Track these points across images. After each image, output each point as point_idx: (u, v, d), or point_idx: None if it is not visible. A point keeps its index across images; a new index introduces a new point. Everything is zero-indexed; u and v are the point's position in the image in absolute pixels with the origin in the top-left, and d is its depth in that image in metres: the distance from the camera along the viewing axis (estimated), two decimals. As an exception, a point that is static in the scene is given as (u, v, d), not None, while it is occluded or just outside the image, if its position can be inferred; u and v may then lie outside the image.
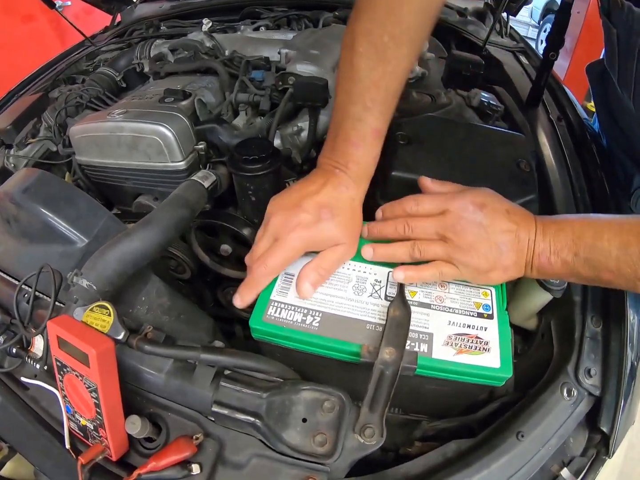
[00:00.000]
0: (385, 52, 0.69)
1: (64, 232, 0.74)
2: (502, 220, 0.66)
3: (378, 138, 0.73)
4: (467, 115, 1.04)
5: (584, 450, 0.69)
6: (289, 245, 0.67)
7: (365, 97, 0.70)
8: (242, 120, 0.99)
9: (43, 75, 1.51)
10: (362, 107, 0.70)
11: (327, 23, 1.34)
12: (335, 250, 0.69)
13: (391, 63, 0.69)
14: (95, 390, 0.56)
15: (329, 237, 0.68)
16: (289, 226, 0.67)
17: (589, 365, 0.71)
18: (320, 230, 0.67)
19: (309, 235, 0.67)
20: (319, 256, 0.69)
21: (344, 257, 0.71)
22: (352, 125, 0.71)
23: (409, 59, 0.71)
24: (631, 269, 0.60)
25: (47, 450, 0.65)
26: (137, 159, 0.91)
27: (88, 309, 0.59)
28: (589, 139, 1.07)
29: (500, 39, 1.54)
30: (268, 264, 0.67)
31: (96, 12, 1.92)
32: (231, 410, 0.61)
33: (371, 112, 0.71)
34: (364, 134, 0.71)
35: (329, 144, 0.75)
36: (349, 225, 0.70)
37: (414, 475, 0.64)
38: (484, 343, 0.64)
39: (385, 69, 0.69)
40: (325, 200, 0.69)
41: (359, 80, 0.70)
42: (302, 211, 0.67)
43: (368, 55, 0.69)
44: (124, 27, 1.69)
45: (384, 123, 0.73)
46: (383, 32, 0.68)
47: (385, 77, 0.70)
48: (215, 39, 1.23)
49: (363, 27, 0.70)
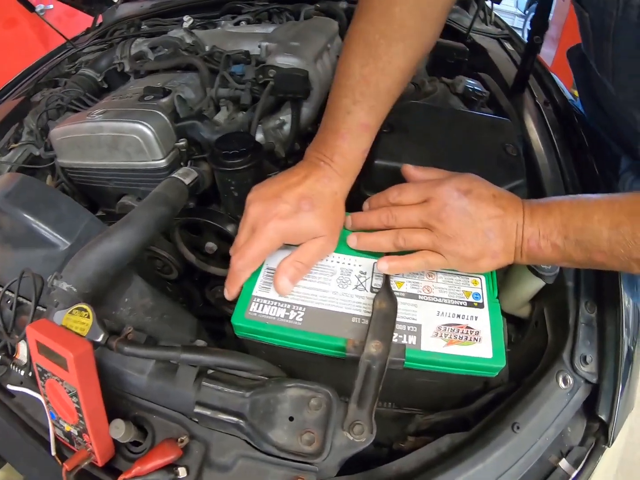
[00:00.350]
0: (377, 49, 0.70)
1: (46, 236, 0.73)
2: (489, 205, 0.64)
3: (367, 132, 0.72)
4: (452, 102, 1.03)
5: (583, 440, 0.68)
6: (265, 236, 0.65)
7: (355, 91, 0.70)
8: (224, 116, 0.97)
9: (25, 80, 1.49)
10: (351, 101, 0.70)
11: (309, 15, 1.32)
12: (314, 243, 0.67)
13: (382, 60, 0.70)
14: (76, 395, 0.54)
15: (307, 229, 0.67)
16: (266, 217, 0.66)
17: (584, 352, 0.70)
18: (298, 222, 0.66)
19: (286, 226, 0.65)
20: (297, 250, 0.67)
21: (323, 251, 0.69)
22: (341, 117, 0.71)
23: (404, 57, 0.71)
24: (624, 250, 0.58)
25: (34, 458, 0.63)
26: (118, 159, 0.89)
27: (67, 312, 0.58)
28: (577, 122, 1.05)
29: (484, 26, 1.53)
30: (245, 256, 0.66)
31: (79, 14, 1.90)
32: (214, 411, 0.59)
33: (361, 105, 0.70)
34: (351, 127, 0.70)
35: (318, 137, 0.74)
36: (329, 218, 0.68)
37: (408, 471, 0.63)
38: (475, 333, 0.62)
39: (376, 65, 0.70)
40: (306, 191, 0.67)
41: (351, 75, 0.71)
42: (281, 202, 0.66)
43: (361, 53, 0.71)
44: (106, 27, 1.66)
45: (374, 118, 0.72)
46: (375, 31, 0.70)
47: (377, 73, 0.70)
48: (195, 35, 1.20)
49: (358, 27, 0.73)
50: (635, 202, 0.60)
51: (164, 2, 1.71)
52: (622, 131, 0.99)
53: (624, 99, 0.88)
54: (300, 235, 0.67)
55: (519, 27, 6.28)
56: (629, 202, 0.60)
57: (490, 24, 1.55)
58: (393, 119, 0.79)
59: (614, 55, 0.83)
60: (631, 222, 0.58)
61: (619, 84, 0.87)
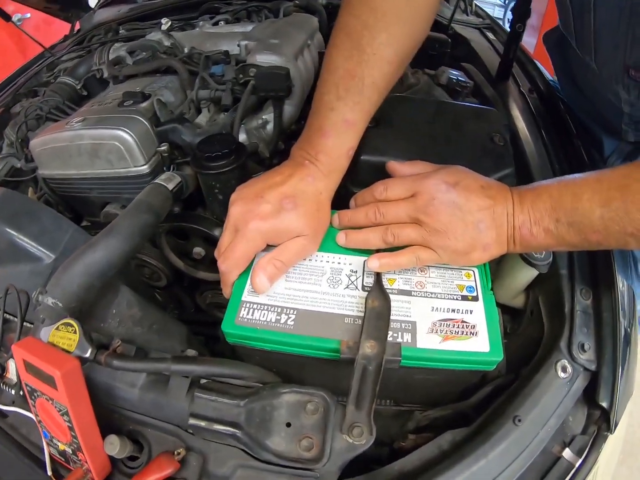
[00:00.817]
0: (360, 41, 0.68)
1: (30, 250, 0.71)
2: (477, 197, 0.63)
3: (352, 129, 0.70)
4: (436, 94, 1.02)
5: (585, 428, 0.67)
6: (248, 237, 0.64)
7: (339, 86, 0.69)
8: (205, 118, 0.96)
9: (4, 91, 1.47)
10: (335, 97, 0.69)
11: (288, 12, 1.31)
12: (295, 242, 0.66)
13: (366, 52, 0.68)
14: (67, 413, 0.53)
15: (290, 229, 0.65)
16: (248, 217, 0.65)
17: (582, 340, 0.69)
18: (280, 221, 0.64)
19: (268, 226, 0.64)
20: (277, 248, 0.66)
21: (304, 250, 0.68)
22: (325, 114, 0.69)
23: (389, 47, 0.69)
24: (619, 226, 0.57)
25: (30, 479, 0.61)
26: (99, 167, 0.87)
27: (54, 328, 0.56)
28: (562, 108, 1.04)
29: (465, 16, 1.52)
30: (229, 258, 0.65)
31: (56, 21, 1.88)
32: (209, 422, 0.57)
33: (344, 101, 0.69)
34: (335, 124, 0.69)
35: (303, 135, 0.73)
36: (312, 218, 0.67)
37: (410, 470, 0.61)
38: (471, 327, 0.62)
39: (360, 58, 0.68)
40: (289, 191, 0.66)
41: (335, 71, 0.70)
42: (263, 202, 0.65)
43: (344, 46, 0.70)
44: (83, 34, 1.64)
45: (359, 114, 0.70)
46: (358, 22, 0.69)
47: (361, 66, 0.68)
48: (173, 37, 1.19)
49: (342, 20, 0.71)
50: (623, 175, 0.59)
51: (141, 5, 1.70)
52: (605, 113, 0.99)
53: (607, 74, 0.87)
54: (283, 235, 0.66)
55: (500, 17, 6.29)
56: (616, 176, 0.59)
57: (471, 14, 1.54)
58: (377, 113, 0.78)
59: (595, 28, 0.82)
60: (622, 196, 0.57)
61: (602, 58, 0.86)
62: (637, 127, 0.92)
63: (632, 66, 0.79)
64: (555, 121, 1.03)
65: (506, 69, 1.16)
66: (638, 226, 0.56)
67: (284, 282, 0.67)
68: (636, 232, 0.57)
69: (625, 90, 0.85)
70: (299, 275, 0.67)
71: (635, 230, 0.57)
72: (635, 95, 0.84)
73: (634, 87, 0.83)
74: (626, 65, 0.80)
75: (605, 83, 0.89)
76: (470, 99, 1.07)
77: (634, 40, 0.76)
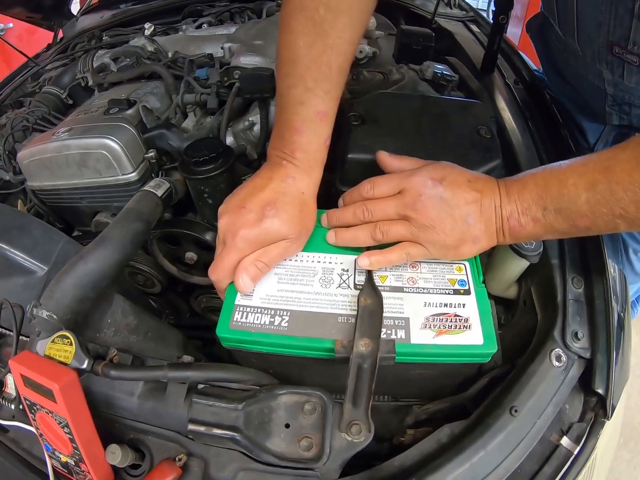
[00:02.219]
0: (323, 24, 0.64)
1: (22, 263, 0.71)
2: (464, 191, 0.63)
3: (325, 121, 0.68)
4: (421, 89, 1.02)
5: (582, 415, 0.67)
6: (235, 248, 0.64)
7: (306, 77, 0.66)
8: (192, 122, 0.96)
9: (-12, 104, 1.46)
10: (303, 89, 0.66)
11: (271, 12, 1.31)
12: (278, 245, 0.66)
13: (330, 36, 0.64)
14: (67, 425, 0.53)
15: (274, 235, 0.65)
16: (233, 229, 0.64)
17: (575, 328, 0.69)
18: (264, 229, 0.64)
19: (253, 235, 0.64)
20: (260, 249, 0.66)
21: (287, 253, 0.68)
22: (294, 110, 0.67)
23: (352, 30, 0.66)
24: (606, 208, 0.57)
25: (34, 493, 0.61)
26: (88, 176, 0.88)
27: (50, 341, 0.57)
28: (548, 98, 1.05)
29: (449, 10, 1.52)
30: (218, 269, 0.65)
31: (40, 30, 1.86)
32: (208, 427, 0.57)
33: (314, 92, 0.66)
34: (307, 118, 0.67)
35: (274, 134, 0.71)
36: (296, 220, 0.66)
37: (410, 465, 0.62)
38: (464, 320, 0.62)
39: (325, 43, 0.64)
40: (270, 195, 0.66)
41: (298, 60, 0.66)
42: (246, 212, 0.65)
43: (304, 31, 0.65)
44: (67, 42, 1.63)
45: (330, 103, 0.68)
46: (318, 5, 0.63)
47: (327, 52, 0.65)
48: (157, 42, 1.19)
49: (297, 3, 0.65)
50: (607, 158, 0.59)
51: (123, 10, 1.69)
52: (589, 98, 0.99)
53: (590, 55, 0.86)
54: (268, 241, 0.65)
55: (484, 8, 6.29)
56: (600, 159, 0.59)
57: (455, 7, 1.54)
58: (363, 110, 0.78)
59: (577, 7, 0.81)
60: (606, 178, 0.56)
61: (585, 38, 0.85)
62: (621, 109, 0.92)
63: (616, 43, 0.79)
64: (541, 111, 1.03)
65: (491, 61, 1.16)
66: (625, 206, 0.56)
67: (276, 284, 0.67)
68: (624, 212, 0.56)
69: (609, 70, 0.85)
70: (291, 276, 0.67)
71: (623, 210, 0.56)
72: (620, 74, 0.84)
73: (617, 65, 0.82)
74: (610, 43, 0.80)
75: (589, 65, 0.89)
76: (456, 92, 1.07)
77: (616, 16, 0.75)
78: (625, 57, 0.79)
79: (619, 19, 0.75)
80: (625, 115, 0.93)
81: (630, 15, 0.73)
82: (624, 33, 0.76)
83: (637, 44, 0.76)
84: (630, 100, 0.88)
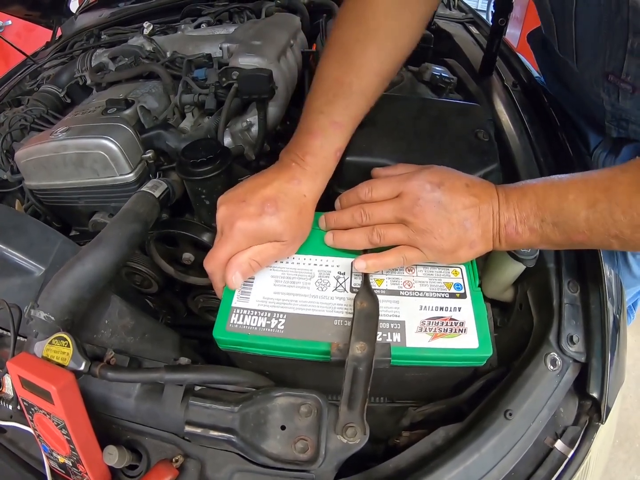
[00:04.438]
0: (352, 53, 0.71)
1: (19, 263, 0.71)
2: (462, 195, 0.63)
3: (340, 131, 0.70)
4: (419, 91, 1.02)
5: (576, 419, 0.67)
6: (231, 239, 0.65)
7: (329, 92, 0.71)
8: (190, 122, 0.96)
9: (-14, 103, 1.45)
10: (324, 101, 0.71)
11: (270, 12, 1.30)
12: (274, 247, 0.66)
13: (355, 63, 0.71)
14: (65, 427, 0.53)
15: (271, 232, 0.65)
16: (232, 219, 0.65)
17: (570, 332, 0.69)
18: (262, 225, 0.64)
19: (251, 228, 0.64)
20: (256, 248, 0.66)
21: (280, 255, 0.68)
22: (314, 117, 0.70)
23: (377, 60, 0.72)
24: (603, 228, 0.58)
25: (32, 493, 0.62)
26: (85, 177, 0.87)
27: (47, 343, 0.57)
28: (546, 101, 1.05)
29: (448, 11, 1.52)
30: (213, 259, 0.66)
31: (38, 28, 1.86)
32: (204, 429, 0.58)
33: (333, 105, 0.70)
34: (323, 125, 0.70)
35: (292, 139, 0.73)
36: (294, 222, 0.67)
37: (405, 467, 0.62)
38: (460, 324, 0.62)
39: (350, 68, 0.71)
40: (272, 193, 0.66)
41: (325, 78, 0.72)
42: (246, 205, 0.65)
43: (336, 57, 0.73)
44: (65, 40, 1.63)
45: (348, 117, 0.71)
46: (349, 37, 0.72)
47: (349, 75, 0.70)
48: (155, 42, 1.18)
49: (335, 34, 0.74)
50: (609, 177, 0.59)
51: (122, 9, 1.68)
52: (590, 108, 1.00)
53: (588, 77, 0.88)
54: (265, 238, 0.66)
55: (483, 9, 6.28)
56: (602, 178, 0.60)
57: (454, 9, 1.54)
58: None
59: (576, 36, 0.84)
60: (607, 198, 0.57)
61: (583, 63, 0.88)
62: (619, 124, 0.93)
63: (611, 72, 0.81)
64: (539, 115, 1.03)
65: (490, 63, 1.16)
66: (621, 228, 0.57)
67: (273, 287, 0.67)
68: (619, 234, 0.57)
69: (606, 93, 0.86)
70: (287, 279, 0.68)
71: (619, 232, 0.57)
72: (615, 98, 0.85)
73: (613, 90, 0.84)
74: (605, 72, 0.82)
75: (587, 85, 0.90)
76: (454, 94, 1.07)
77: (611, 50, 0.78)
78: (620, 84, 0.81)
79: (614, 52, 0.77)
80: (623, 129, 0.94)
81: (623, 50, 0.75)
82: (618, 65, 0.78)
83: (630, 75, 0.78)
84: (627, 117, 0.89)
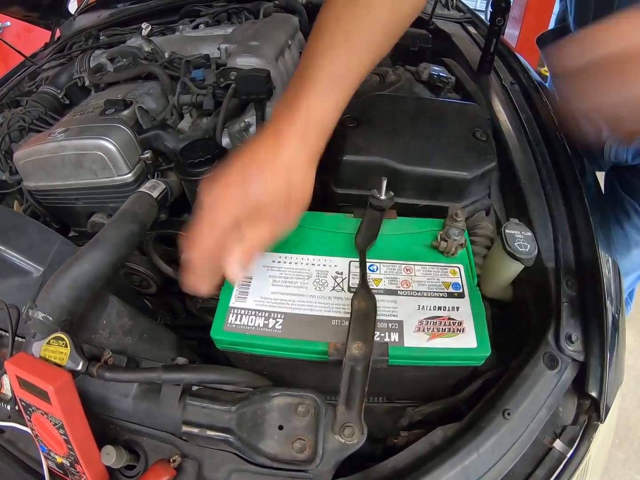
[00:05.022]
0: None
1: (18, 264, 0.71)
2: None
3: (337, 82, 0.60)
4: (417, 90, 1.02)
5: (575, 418, 0.67)
6: (214, 215, 0.58)
7: (325, 43, 0.60)
8: (188, 123, 0.96)
9: (-15, 104, 1.46)
10: (320, 53, 0.60)
11: (268, 13, 1.31)
12: (267, 220, 0.60)
13: (359, 14, 0.59)
14: (62, 427, 0.53)
15: (258, 196, 0.57)
16: (212, 192, 0.58)
17: (569, 331, 0.69)
18: (247, 189, 0.57)
19: (236, 197, 0.57)
20: (248, 237, 0.59)
21: (279, 227, 0.61)
22: (304, 73, 0.60)
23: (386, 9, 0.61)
24: None
25: (30, 493, 0.62)
26: (83, 177, 0.88)
27: (45, 343, 0.57)
28: (545, 100, 1.05)
29: (446, 11, 1.52)
30: (201, 248, 0.58)
31: (37, 29, 1.86)
32: (201, 429, 0.58)
33: (326, 56, 0.59)
34: (316, 77, 0.59)
35: (282, 97, 0.63)
36: (283, 184, 0.58)
37: (403, 467, 0.62)
38: (458, 324, 0.62)
39: (352, 17, 0.59)
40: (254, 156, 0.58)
41: (323, 30, 0.61)
42: (227, 174, 0.58)
43: (337, 5, 0.61)
44: (64, 41, 1.63)
45: (344, 68, 0.60)
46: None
47: (351, 24, 0.60)
48: (153, 43, 1.18)
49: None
50: None
51: (120, 10, 1.69)
52: None
53: None
54: (252, 207, 0.58)
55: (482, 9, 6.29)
56: None
57: (452, 9, 1.54)
58: (358, 112, 0.78)
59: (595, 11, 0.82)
60: None
61: None
62: None
63: None
64: (538, 113, 1.03)
65: (487, 62, 1.16)
66: None
67: (270, 287, 0.67)
68: None
69: None
70: (285, 279, 0.67)
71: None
72: None
73: None
74: None
75: None
76: (452, 94, 1.07)
77: None
78: None
79: None
80: None
81: None
82: None
83: None
84: None
